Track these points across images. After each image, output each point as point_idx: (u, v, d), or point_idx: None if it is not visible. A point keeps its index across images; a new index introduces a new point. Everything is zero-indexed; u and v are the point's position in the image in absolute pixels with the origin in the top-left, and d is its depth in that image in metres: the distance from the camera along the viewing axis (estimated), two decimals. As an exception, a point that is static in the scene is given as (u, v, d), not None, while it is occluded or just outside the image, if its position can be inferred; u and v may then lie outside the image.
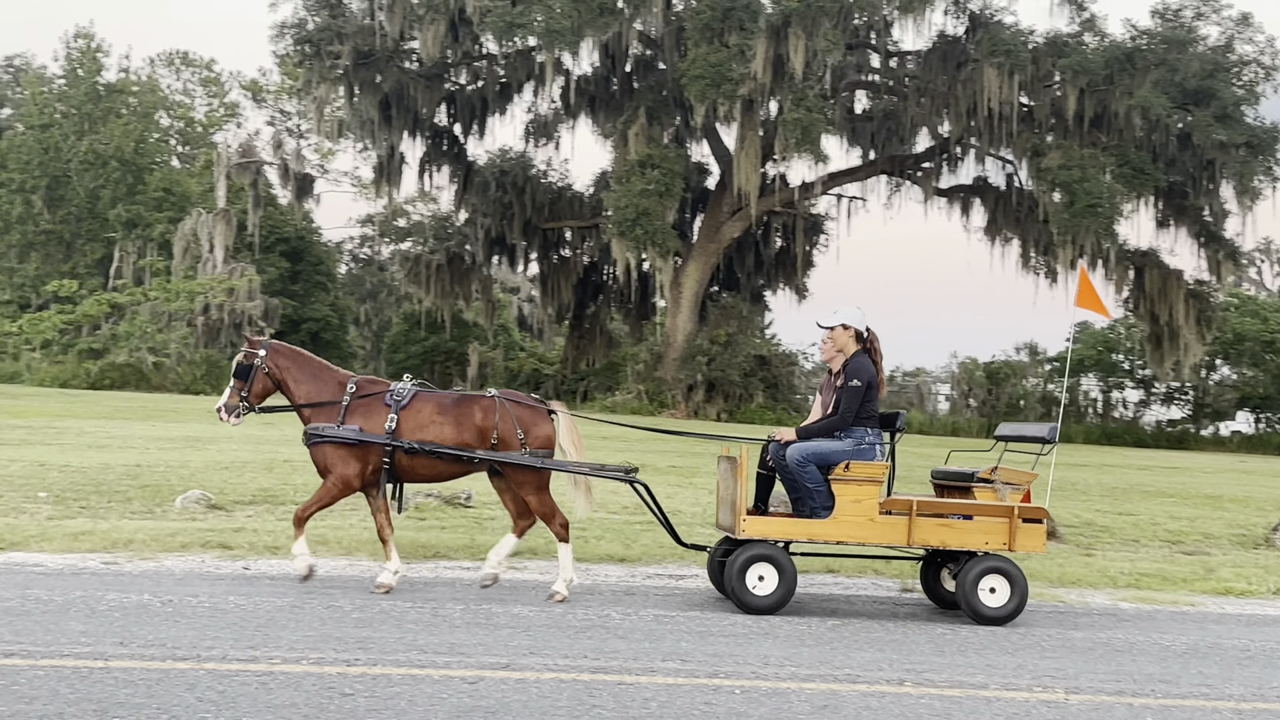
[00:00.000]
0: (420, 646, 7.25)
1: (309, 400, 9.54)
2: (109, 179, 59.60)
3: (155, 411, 29.14)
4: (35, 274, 58.72)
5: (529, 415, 9.54)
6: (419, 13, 41.24)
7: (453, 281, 49.46)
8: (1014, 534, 9.17)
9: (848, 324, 9.52)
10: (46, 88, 62.94)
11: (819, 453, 9.21)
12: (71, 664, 6.39)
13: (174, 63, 70.70)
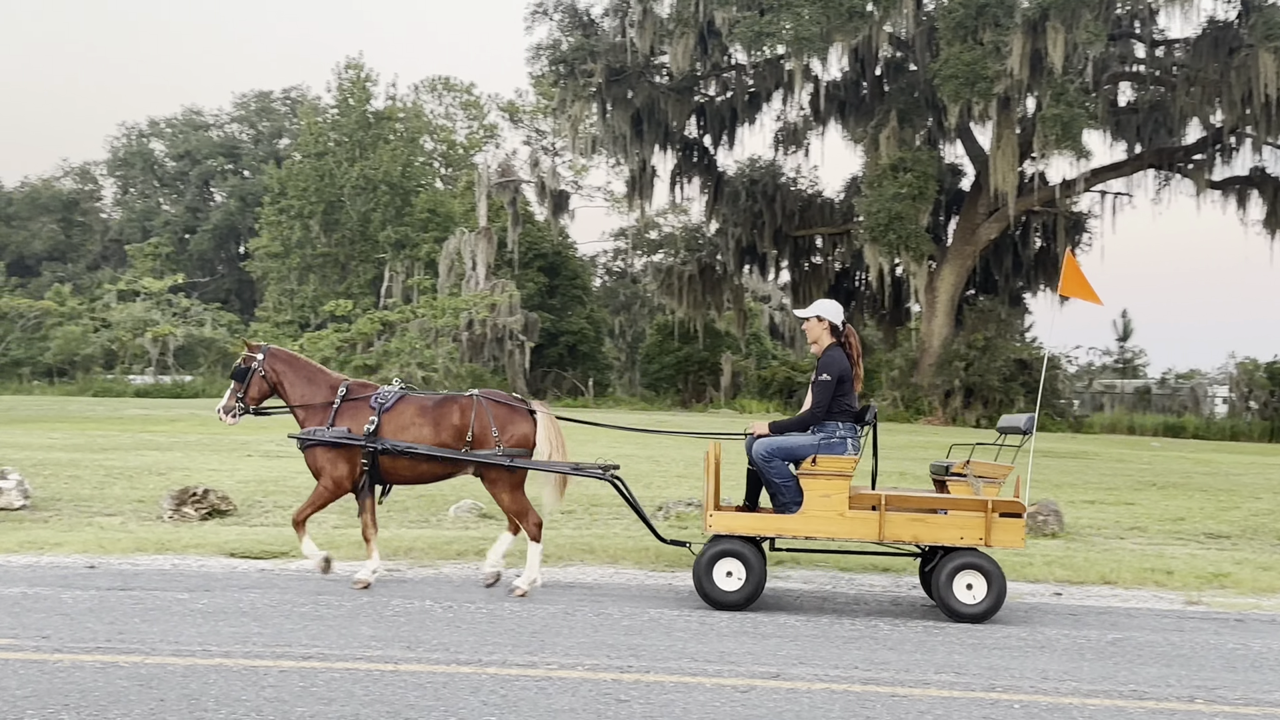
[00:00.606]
0: (690, 655, 7.30)
1: (303, 403, 9.82)
2: (379, 202, 62.50)
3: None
4: (313, 295, 62.10)
5: (505, 414, 9.64)
6: (669, 27, 41.76)
7: (705, 291, 49.84)
8: (990, 528, 8.84)
9: (822, 316, 9.42)
10: (321, 118, 66.51)
11: (785, 447, 9.13)
12: (365, 667, 6.70)
13: (436, 88, 73.68)
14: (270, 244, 65.61)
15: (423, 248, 59.45)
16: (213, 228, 77.30)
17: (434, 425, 9.62)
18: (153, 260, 70.13)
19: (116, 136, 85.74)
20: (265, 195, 67.78)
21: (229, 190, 79.07)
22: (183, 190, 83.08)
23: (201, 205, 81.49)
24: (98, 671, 6.46)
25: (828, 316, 9.44)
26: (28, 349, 56.54)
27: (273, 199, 65.82)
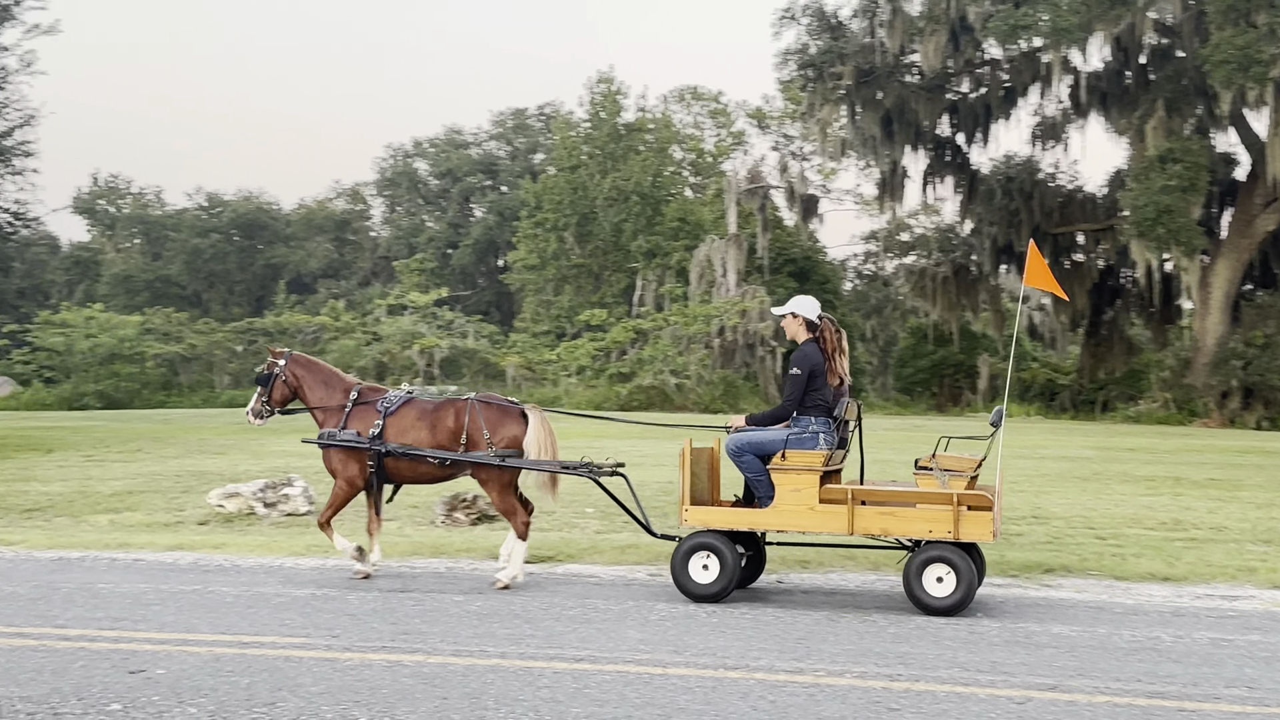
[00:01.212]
0: (961, 664, 7.14)
1: (320, 405, 10.40)
2: (630, 212, 63.49)
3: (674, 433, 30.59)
4: (569, 305, 63.54)
5: (496, 416, 10.04)
6: (919, 25, 41.06)
7: (959, 293, 48.74)
8: (958, 522, 8.78)
9: (796, 312, 9.57)
10: (574, 131, 68.02)
11: (755, 442, 9.26)
12: (634, 670, 6.80)
13: (685, 98, 74.37)
14: (527, 256, 67.51)
15: (673, 256, 60.10)
16: (473, 242, 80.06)
17: (431, 428, 10.10)
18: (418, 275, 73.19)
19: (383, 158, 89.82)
20: (522, 209, 69.80)
21: (488, 205, 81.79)
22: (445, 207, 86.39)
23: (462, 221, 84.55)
24: (384, 670, 6.76)
25: (802, 312, 9.59)
26: (306, 362, 59.61)
27: (529, 213, 67.72)
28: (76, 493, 16.43)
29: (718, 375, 49.15)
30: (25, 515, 14.79)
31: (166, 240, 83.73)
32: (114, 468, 20.28)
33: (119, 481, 17.82)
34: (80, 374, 56.84)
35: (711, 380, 48.12)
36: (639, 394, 47.05)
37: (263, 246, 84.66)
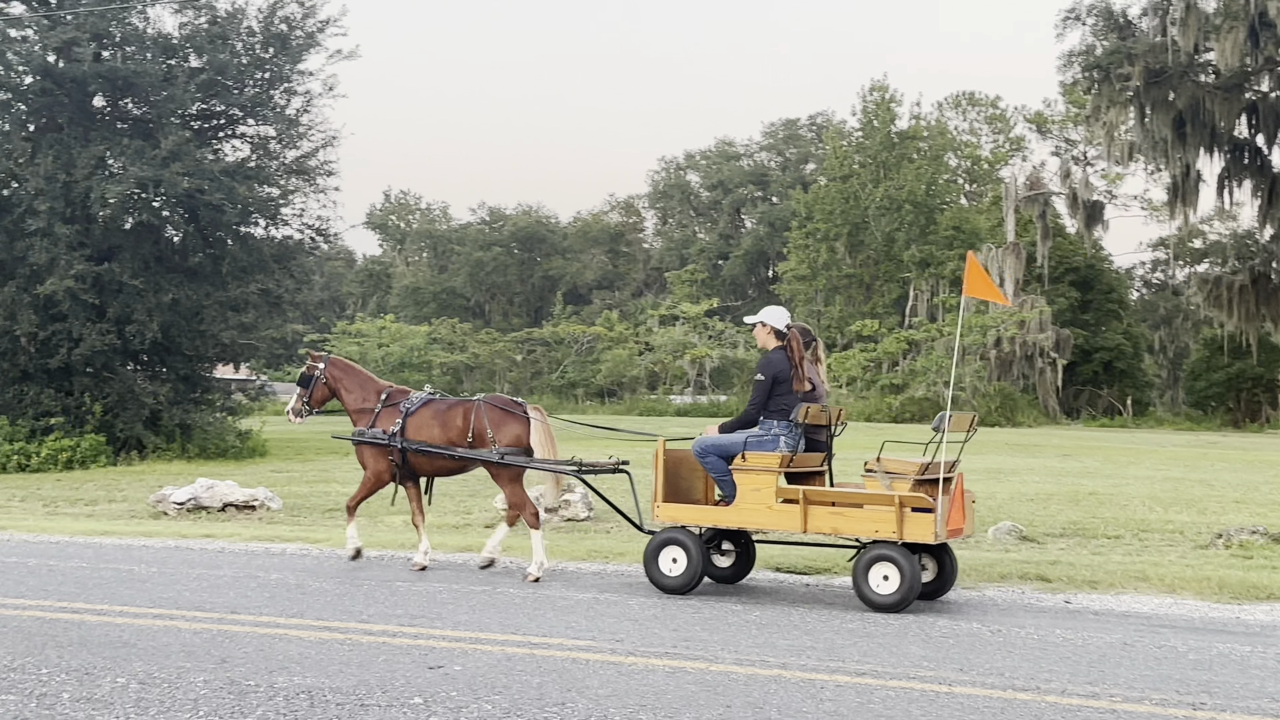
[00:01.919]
0: (1271, 694, 6.72)
1: (355, 406, 11.50)
2: (903, 222, 62.55)
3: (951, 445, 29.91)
4: (839, 315, 63.05)
5: (499, 416, 10.95)
6: (1215, 23, 39.01)
7: (1258, 302, 45.96)
8: (902, 523, 9.23)
9: (765, 322, 10.17)
10: (845, 141, 67.49)
11: (718, 444, 9.90)
12: (918, 687, 6.69)
13: (960, 104, 72.80)
14: (798, 267, 67.38)
15: (947, 265, 58.86)
16: (744, 253, 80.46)
17: (443, 426, 11.08)
18: (689, 286, 73.98)
19: (656, 170, 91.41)
20: (793, 220, 69.74)
21: (758, 216, 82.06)
22: (716, 218, 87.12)
23: (733, 232, 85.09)
24: (668, 675, 6.86)
25: (770, 322, 10.20)
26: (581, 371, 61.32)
27: (800, 223, 67.59)
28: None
29: (994, 387, 47.84)
30: (326, 515, 15.69)
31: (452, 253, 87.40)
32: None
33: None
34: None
35: (987, 392, 46.86)
36: (911, 406, 46.23)
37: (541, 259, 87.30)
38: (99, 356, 24.60)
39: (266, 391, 31.45)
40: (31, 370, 24.98)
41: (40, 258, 23.45)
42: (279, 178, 26.59)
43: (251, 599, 9.28)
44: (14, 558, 11.72)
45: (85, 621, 8.23)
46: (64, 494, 18.50)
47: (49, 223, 23.44)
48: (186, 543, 12.91)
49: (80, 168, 23.81)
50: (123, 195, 23.36)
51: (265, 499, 15.90)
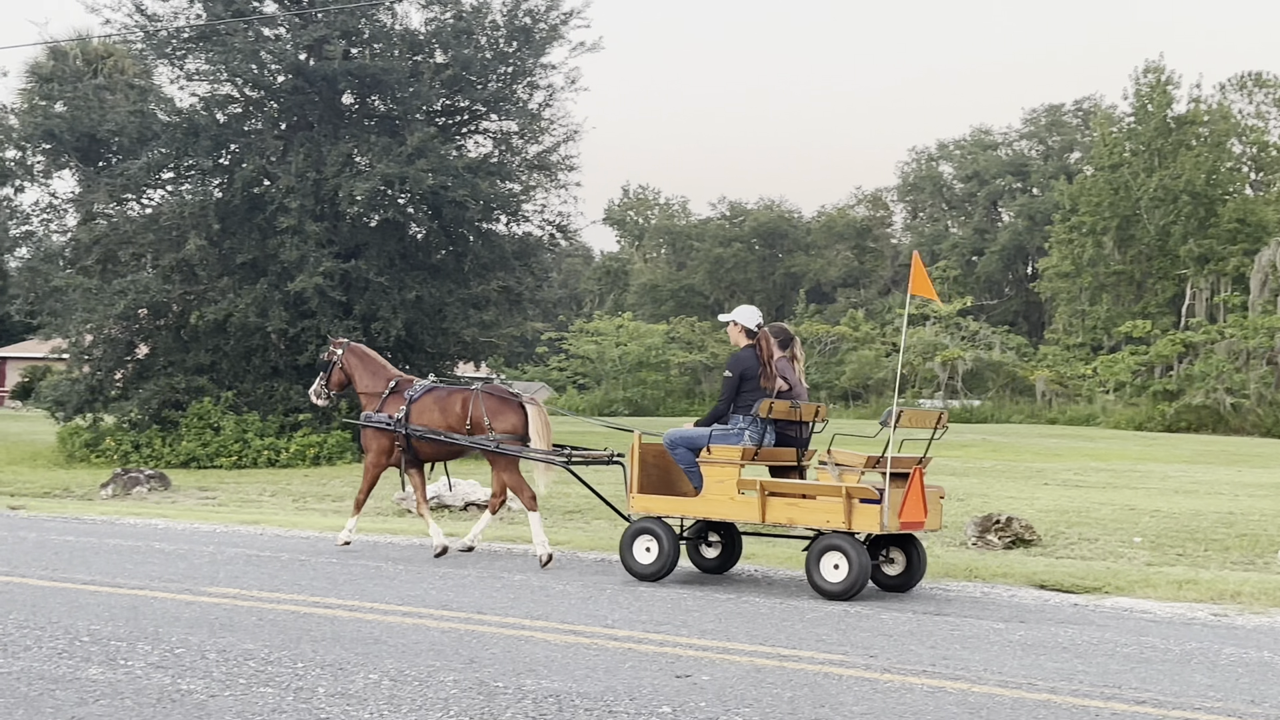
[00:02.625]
0: None
1: (366, 392, 12.74)
2: (1179, 214, 59.90)
3: (1239, 456, 28.58)
4: (1107, 315, 60.82)
5: (496, 405, 12.09)
6: None
7: None
8: (850, 513, 10.05)
9: (737, 321, 11.10)
10: (1115, 127, 65.03)
11: (686, 436, 10.92)
12: (1205, 718, 6.41)
13: (1245, 86, 69.22)
14: (1060, 263, 65.31)
15: (1230, 261, 56.12)
16: (1000, 248, 78.47)
17: (442, 413, 12.23)
18: (941, 284, 72.55)
19: (906, 161, 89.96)
20: (1055, 213, 67.64)
21: (1017, 209, 79.88)
22: (970, 211, 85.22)
23: (989, 226, 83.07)
24: (927, 695, 6.76)
25: (742, 321, 11.12)
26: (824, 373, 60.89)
27: (1063, 216, 65.50)
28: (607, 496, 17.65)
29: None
30: (567, 516, 16.06)
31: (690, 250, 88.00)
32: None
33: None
34: (610, 380, 60.86)
35: (1274, 400, 44.44)
36: (1187, 414, 44.21)
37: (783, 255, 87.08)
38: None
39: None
40: (281, 367, 26.36)
41: (291, 255, 24.69)
42: (520, 173, 27.35)
43: (497, 599, 9.57)
44: (268, 551, 12.40)
45: (337, 617, 8.64)
46: (312, 489, 19.46)
47: (299, 220, 24.68)
48: (431, 540, 13.37)
49: (330, 165, 25.00)
50: (370, 192, 24.40)
51: (509, 498, 16.36)
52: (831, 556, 10.17)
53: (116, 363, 26.93)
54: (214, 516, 15.88)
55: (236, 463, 24.13)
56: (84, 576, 10.36)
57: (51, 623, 8.14)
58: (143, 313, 26.39)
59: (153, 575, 10.55)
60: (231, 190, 25.56)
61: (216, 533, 14.23)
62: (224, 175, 26.14)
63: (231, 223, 25.93)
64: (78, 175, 27.17)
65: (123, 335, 26.82)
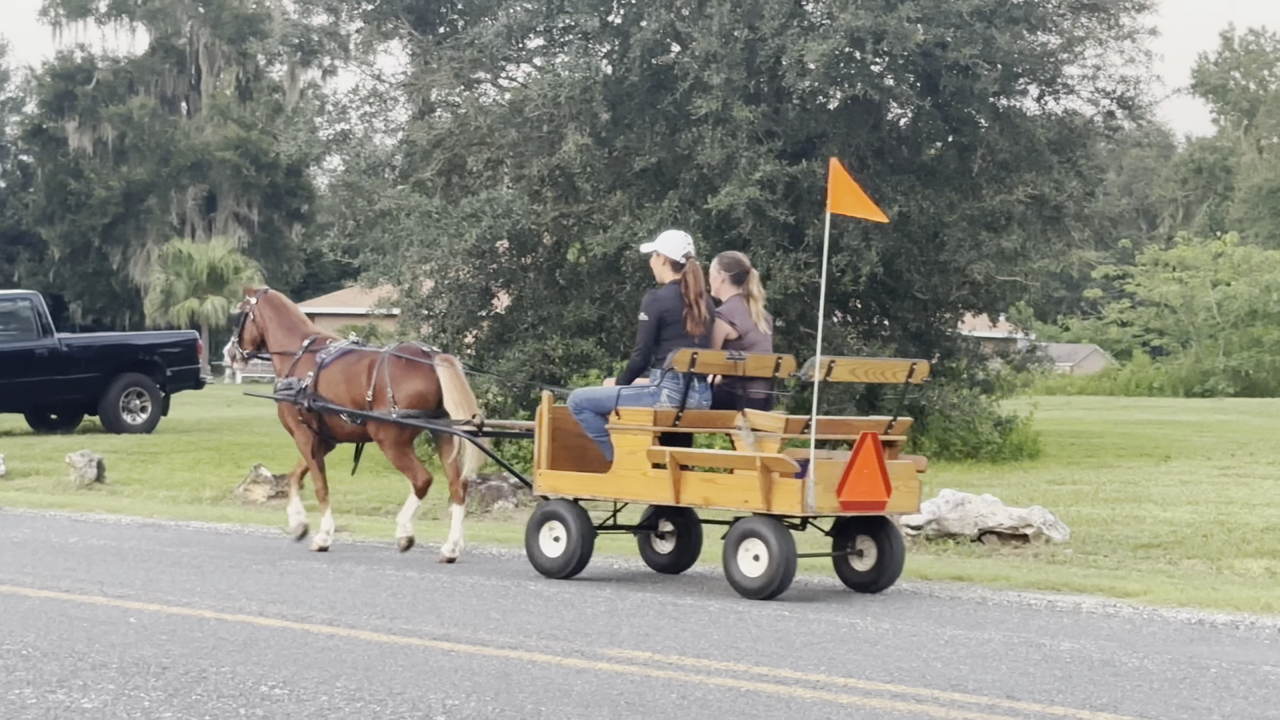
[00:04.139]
0: None
1: (279, 351, 15.59)
2: None
3: None
4: None
5: (400, 371, 14.79)
6: None
7: None
8: (769, 491, 11.90)
9: (659, 251, 13.01)
10: None
11: (592, 398, 12.97)
12: None
13: None
14: None
15: None
16: None
17: (347, 382, 14.98)
18: None
19: None
20: None
21: None
22: None
23: None
24: None
25: (665, 251, 12.90)
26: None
27: None
28: (1213, 523, 17.15)
29: None
30: (1141, 553, 15.76)
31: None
32: (1264, 486, 20.83)
33: (1275, 509, 18.27)
34: (1205, 342, 58.68)
35: None
36: None
37: None
38: (793, 302, 26.04)
39: (1038, 356, 31.91)
40: (698, 323, 26.92)
41: (712, 155, 25.12)
42: (1059, 17, 26.81)
43: (1033, 678, 9.54)
44: (689, 599, 12.75)
45: (795, 697, 8.79)
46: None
47: (724, 103, 25.07)
48: (926, 586, 13.48)
49: (768, 18, 25.23)
50: (829, 56, 24.45)
51: (1043, 524, 16.19)
52: (750, 545, 12.07)
53: (468, 319, 28.11)
54: (609, 545, 16.24)
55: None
56: (434, 628, 10.98)
57: (392, 694, 8.68)
58: (502, 246, 27.52)
59: (528, 629, 11.07)
60: (626, 62, 26.21)
61: (614, 569, 14.69)
62: (615, 40, 26.87)
63: (626, 110, 26.65)
64: (410, 49, 28.52)
65: (475, 279, 28.01)
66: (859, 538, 12.84)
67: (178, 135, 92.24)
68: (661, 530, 13.87)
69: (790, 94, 25.93)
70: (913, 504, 13.11)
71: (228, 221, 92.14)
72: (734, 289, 13.29)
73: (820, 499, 11.83)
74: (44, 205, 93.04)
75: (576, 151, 25.16)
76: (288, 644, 10.29)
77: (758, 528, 12.06)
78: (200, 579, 13.58)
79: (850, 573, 13.00)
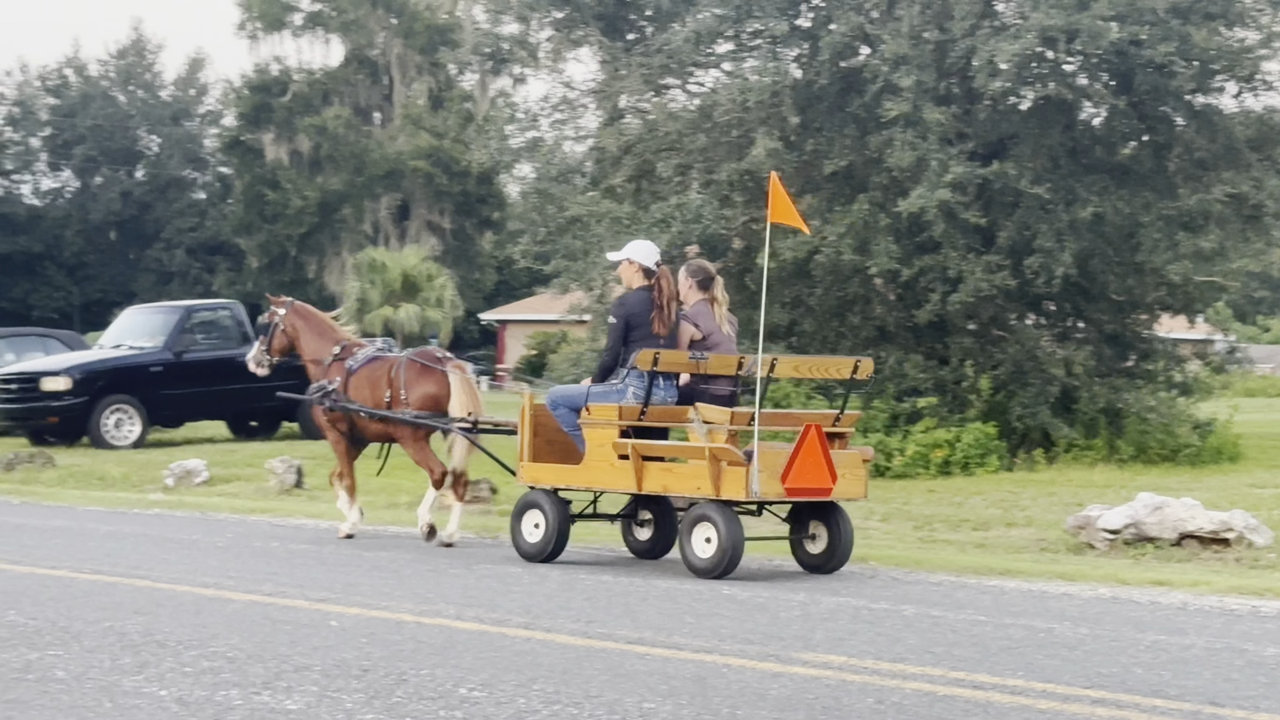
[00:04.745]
0: None
1: (310, 358, 17.17)
2: None
3: None
4: None
5: (414, 374, 16.41)
6: None
7: None
8: (718, 478, 13.22)
9: (632, 259, 14.58)
10: None
11: (566, 394, 14.76)
12: None
13: None
14: None
15: None
16: None
17: (371, 385, 16.53)
18: None
19: None
20: None
21: None
22: None
23: None
24: None
25: (638, 259, 14.35)
26: None
27: None
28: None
29: None
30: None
31: None
32: None
33: None
34: None
35: None
36: None
37: None
38: (985, 305, 25.86)
39: (1238, 358, 31.36)
40: (891, 327, 26.86)
41: (902, 158, 25.00)
42: (1258, 11, 26.32)
43: (1237, 684, 9.39)
44: (884, 603, 12.71)
45: (993, 702, 8.71)
46: (941, 511, 19.73)
47: (915, 105, 24.93)
48: (1125, 592, 13.33)
49: (958, 19, 25.06)
50: (1020, 56, 24.23)
51: (1245, 528, 15.92)
52: (702, 529, 13.48)
53: (658, 324, 28.27)
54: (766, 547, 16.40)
55: (829, 470, 24.76)
56: (629, 632, 11.05)
57: (589, 697, 8.74)
58: (692, 251, 27.62)
59: (722, 633, 11.09)
60: (815, 66, 26.23)
61: (807, 573, 14.71)
62: (804, 44, 26.87)
63: (815, 114, 26.65)
64: (600, 56, 28.72)
65: (671, 285, 28.16)
66: (812, 523, 14.28)
67: (371, 145, 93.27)
68: (641, 518, 15.34)
69: (981, 95, 25.73)
70: (859, 490, 14.19)
71: (420, 230, 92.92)
72: (700, 294, 14.74)
73: (765, 485, 13.17)
74: (242, 216, 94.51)
75: (766, 156, 25.14)
76: (485, 647, 10.40)
77: (708, 513, 13.44)
78: (398, 583, 13.79)
79: (805, 555, 14.44)
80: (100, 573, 14.28)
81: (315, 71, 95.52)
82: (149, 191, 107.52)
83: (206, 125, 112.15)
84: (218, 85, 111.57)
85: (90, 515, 19.37)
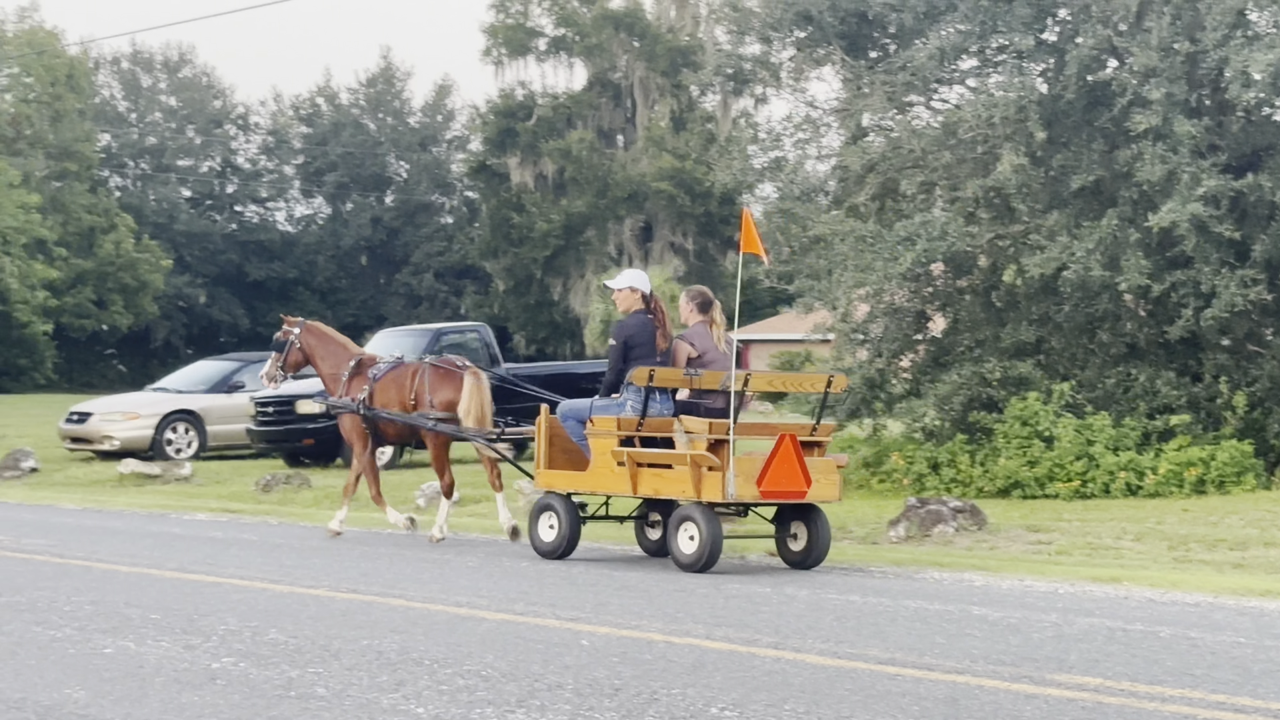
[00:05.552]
0: None
1: (328, 372, 19.15)
2: None
3: None
4: None
5: (436, 380, 18.44)
6: None
7: None
8: (699, 482, 14.94)
9: (635, 286, 16.43)
10: None
11: (574, 408, 16.42)
12: None
13: None
14: None
15: None
16: None
17: (397, 390, 18.42)
18: None
19: None
20: None
21: None
22: None
23: None
24: None
25: (639, 287, 16.38)
26: None
27: None
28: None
29: None
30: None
31: None
32: None
33: None
34: None
35: None
36: None
37: None
38: (1240, 320, 25.30)
39: None
40: (1142, 343, 26.37)
41: (1152, 172, 24.51)
42: None
43: None
44: (1137, 623, 12.48)
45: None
46: (1196, 531, 19.36)
47: (1165, 118, 24.46)
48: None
49: (1210, 31, 24.54)
50: (1275, 67, 23.68)
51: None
52: (686, 528, 15.23)
53: (903, 343, 28.14)
54: (1052, 569, 16.23)
55: (1080, 490, 24.42)
56: (879, 653, 10.98)
57: (840, 717, 8.75)
58: (937, 268, 27.41)
59: (974, 654, 10.98)
60: (1062, 80, 25.87)
61: (1059, 594, 14.55)
62: (1050, 58, 26.55)
63: (1062, 129, 26.30)
64: (842, 74, 28.64)
65: (910, 303, 28.03)
66: (794, 523, 16.00)
67: (614, 168, 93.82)
68: (651, 520, 17.07)
69: (1234, 106, 25.16)
70: (833, 494, 15.71)
71: (664, 251, 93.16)
72: (700, 316, 16.42)
73: (741, 489, 14.82)
74: (488, 239, 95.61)
75: (1012, 172, 24.90)
76: (735, 667, 10.42)
77: (691, 513, 15.25)
78: (647, 602, 13.85)
79: (787, 552, 16.18)
80: (357, 592, 14.61)
81: (559, 96, 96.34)
82: (398, 217, 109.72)
83: (453, 151, 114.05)
84: (464, 111, 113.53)
85: (346, 536, 19.72)
